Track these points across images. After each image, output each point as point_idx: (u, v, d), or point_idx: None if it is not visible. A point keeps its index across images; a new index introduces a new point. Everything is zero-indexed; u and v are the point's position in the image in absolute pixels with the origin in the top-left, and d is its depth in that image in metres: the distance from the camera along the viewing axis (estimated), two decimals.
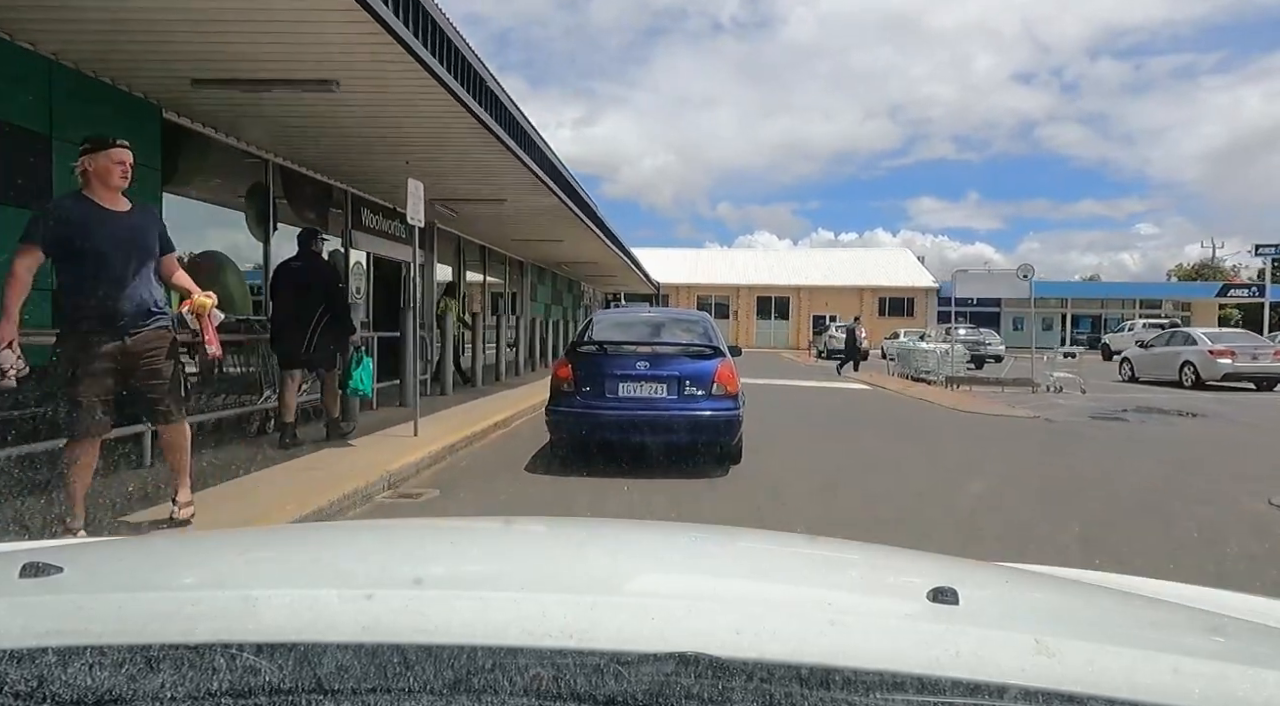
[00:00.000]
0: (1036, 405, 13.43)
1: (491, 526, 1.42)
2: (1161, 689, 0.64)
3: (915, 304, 46.86)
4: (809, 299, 47.83)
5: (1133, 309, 45.20)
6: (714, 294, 48.21)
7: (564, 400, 6.61)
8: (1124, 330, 35.21)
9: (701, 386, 6.46)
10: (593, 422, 6.50)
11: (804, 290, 48.06)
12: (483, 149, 9.05)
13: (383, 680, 0.61)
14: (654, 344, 6.95)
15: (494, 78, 8.18)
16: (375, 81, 6.54)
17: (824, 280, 48.42)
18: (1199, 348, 17.53)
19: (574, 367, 6.65)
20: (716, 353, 6.75)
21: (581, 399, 6.51)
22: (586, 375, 6.55)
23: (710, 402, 6.45)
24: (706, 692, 0.60)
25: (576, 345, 7.08)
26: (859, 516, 5.31)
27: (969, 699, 0.62)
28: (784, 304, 48.53)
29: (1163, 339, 19.73)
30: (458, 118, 7.61)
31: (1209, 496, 6.16)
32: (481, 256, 19.20)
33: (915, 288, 47.67)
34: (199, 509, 4.32)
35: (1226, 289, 44.61)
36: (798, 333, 47.15)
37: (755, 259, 54.62)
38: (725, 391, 6.48)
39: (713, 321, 7.68)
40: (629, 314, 9.78)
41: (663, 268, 47.58)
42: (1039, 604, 1.03)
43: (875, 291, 47.41)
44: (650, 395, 6.43)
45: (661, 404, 6.43)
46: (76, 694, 0.60)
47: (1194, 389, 16.99)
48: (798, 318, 47.89)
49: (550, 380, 6.96)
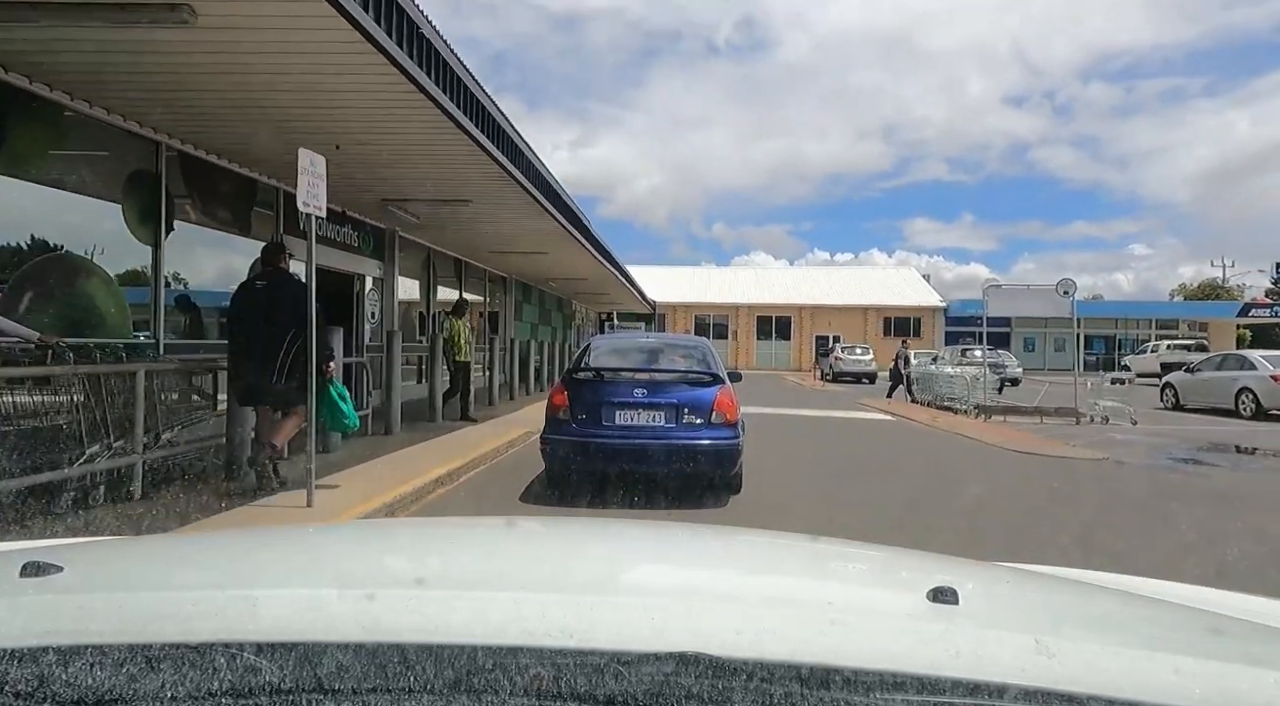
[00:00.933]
0: (1090, 440, 11.61)
1: (492, 526, 1.51)
2: (1161, 689, 0.65)
3: (922, 324, 45.07)
4: (811, 319, 45.99)
5: (1147, 329, 43.49)
6: (712, 313, 46.41)
7: (560, 428, 6.51)
8: (1146, 352, 33.44)
9: (700, 414, 6.36)
10: (589, 451, 6.38)
11: (806, 309, 46.20)
12: (436, 133, 7.26)
13: (383, 680, 0.61)
14: (652, 371, 6.87)
15: (449, 47, 6.41)
16: (279, 33, 4.82)
17: (826, 299, 46.64)
18: (1259, 372, 15.69)
19: (570, 395, 6.56)
20: (716, 380, 6.64)
21: (578, 426, 6.42)
22: (583, 402, 6.48)
23: (710, 431, 6.35)
24: (707, 692, 0.61)
25: (573, 372, 6.96)
26: None
27: (969, 699, 0.62)
28: (785, 324, 46.63)
29: (1212, 363, 17.89)
30: (394, 87, 5.85)
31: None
32: (457, 271, 17.36)
33: (922, 307, 45.89)
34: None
35: (1248, 309, 42.88)
36: (800, 353, 45.35)
37: (755, 277, 52.87)
38: (725, 419, 6.39)
39: (712, 347, 7.59)
40: (626, 339, 9.48)
41: (659, 286, 45.88)
42: (1039, 604, 1.04)
43: (880, 311, 45.65)
44: (648, 423, 6.35)
45: (660, 432, 6.35)
46: (77, 693, 0.60)
47: (1255, 419, 15.15)
48: (799, 338, 46.05)
49: (545, 407, 6.84)
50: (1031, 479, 8.38)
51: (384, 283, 12.88)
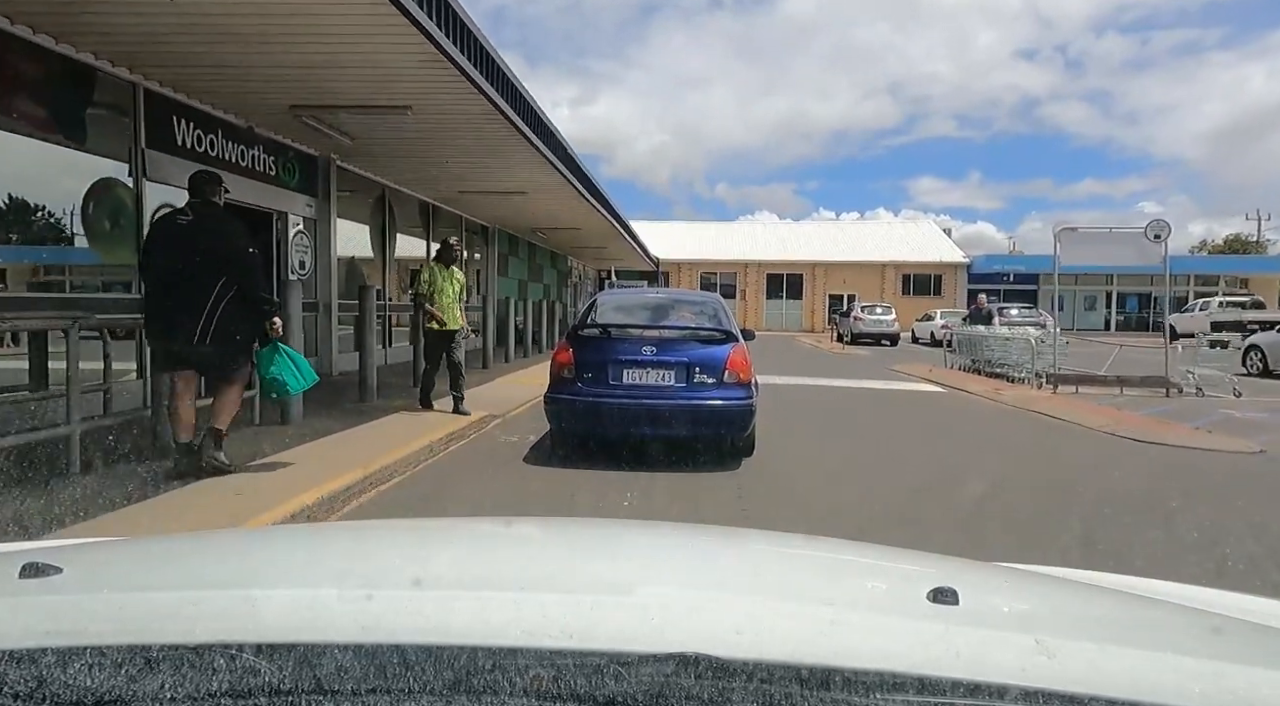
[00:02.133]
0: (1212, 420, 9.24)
1: (492, 526, 1.46)
2: (1161, 689, 0.65)
3: (943, 281, 42.43)
4: (825, 276, 43.24)
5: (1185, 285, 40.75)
6: (719, 271, 43.73)
7: (565, 387, 6.27)
8: (1194, 310, 30.81)
9: (712, 373, 6.12)
10: (595, 412, 6.17)
11: (819, 267, 43.38)
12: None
13: (383, 680, 0.62)
14: (661, 328, 6.65)
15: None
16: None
17: (841, 255, 43.92)
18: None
19: (575, 352, 6.32)
20: (728, 337, 6.40)
21: (583, 386, 6.18)
22: (589, 361, 6.24)
23: (721, 391, 6.11)
24: (707, 693, 0.61)
25: (578, 328, 6.68)
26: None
27: (969, 699, 0.62)
28: (796, 282, 43.84)
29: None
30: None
31: None
32: (424, 216, 14.84)
33: (943, 263, 43.08)
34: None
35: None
36: (812, 314, 42.87)
37: (765, 233, 50.11)
38: (738, 379, 6.14)
39: (724, 303, 7.27)
40: (634, 295, 8.60)
41: (663, 243, 43.35)
42: (1039, 604, 1.03)
43: (898, 268, 42.93)
44: (657, 382, 6.13)
45: (669, 392, 6.11)
46: (76, 694, 0.60)
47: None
48: (812, 297, 43.38)
49: (550, 366, 6.56)
50: (1191, 493, 5.91)
51: (317, 225, 10.39)
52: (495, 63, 7.52)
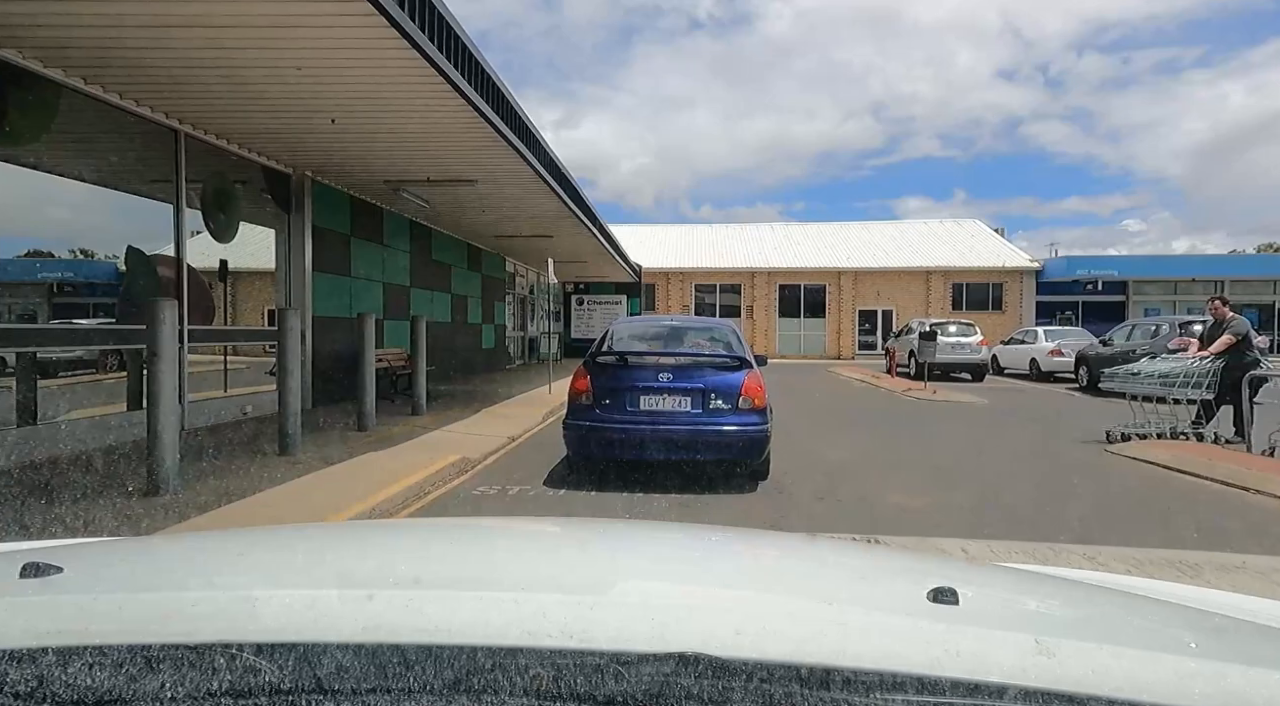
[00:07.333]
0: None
1: (492, 526, 1.60)
2: (1161, 689, 0.69)
3: (1005, 292, 36.52)
4: (854, 287, 35.98)
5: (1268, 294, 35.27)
6: (718, 282, 37.00)
7: (583, 414, 6.77)
8: None
9: (728, 400, 6.60)
10: (612, 437, 6.65)
11: (846, 274, 35.97)
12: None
13: (383, 680, 0.65)
14: (676, 354, 7.09)
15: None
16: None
17: (874, 261, 36.90)
18: None
19: (593, 379, 6.81)
20: (743, 364, 6.85)
21: (600, 412, 6.70)
22: (606, 387, 6.74)
23: (737, 417, 6.58)
24: (707, 693, 0.65)
25: (594, 356, 7.10)
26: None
27: (969, 699, 0.66)
28: (817, 295, 36.37)
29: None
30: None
31: None
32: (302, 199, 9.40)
33: (1004, 269, 35.34)
34: None
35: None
36: (838, 336, 36.55)
37: (775, 235, 42.49)
38: (752, 405, 6.61)
39: (737, 329, 7.89)
40: (649, 323, 9.24)
41: (646, 251, 37.80)
42: (1039, 604, 1.08)
43: (946, 275, 35.64)
44: (674, 408, 6.61)
45: (685, 418, 6.60)
46: (77, 694, 0.63)
47: None
48: (838, 314, 35.98)
49: (568, 392, 7.04)
50: None
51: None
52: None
